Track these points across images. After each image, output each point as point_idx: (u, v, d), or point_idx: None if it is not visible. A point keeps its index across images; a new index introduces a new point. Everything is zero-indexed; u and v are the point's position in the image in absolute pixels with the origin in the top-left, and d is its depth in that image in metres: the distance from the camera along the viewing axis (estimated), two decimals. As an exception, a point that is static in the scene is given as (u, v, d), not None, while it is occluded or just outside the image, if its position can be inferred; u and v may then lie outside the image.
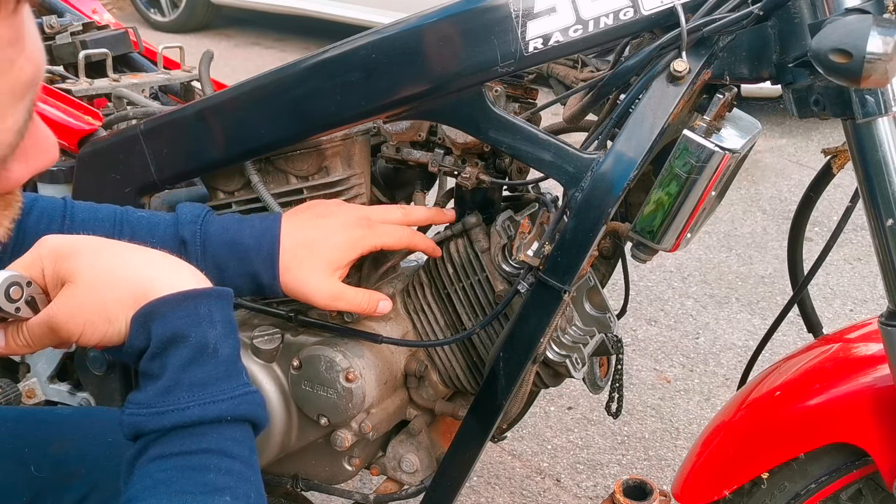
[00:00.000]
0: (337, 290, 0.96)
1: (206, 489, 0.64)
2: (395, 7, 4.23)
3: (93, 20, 1.48)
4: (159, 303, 0.68)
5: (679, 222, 0.91)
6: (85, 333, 0.69)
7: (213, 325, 0.69)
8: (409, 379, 1.11)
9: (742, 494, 1.04)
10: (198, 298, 0.69)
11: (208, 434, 0.66)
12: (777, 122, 4.11)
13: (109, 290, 0.69)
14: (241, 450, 0.68)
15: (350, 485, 1.24)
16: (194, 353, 0.67)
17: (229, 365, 0.69)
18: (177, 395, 0.66)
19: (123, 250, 0.72)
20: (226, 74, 1.50)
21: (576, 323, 1.09)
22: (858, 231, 2.96)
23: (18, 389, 1.28)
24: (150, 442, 0.66)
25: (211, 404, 0.67)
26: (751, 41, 0.84)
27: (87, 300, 0.69)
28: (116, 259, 0.71)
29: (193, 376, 0.67)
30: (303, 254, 0.94)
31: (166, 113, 1.07)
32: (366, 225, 0.97)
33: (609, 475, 1.94)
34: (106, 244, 0.73)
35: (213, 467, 0.66)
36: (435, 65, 0.89)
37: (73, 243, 0.71)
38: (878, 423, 0.94)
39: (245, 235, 0.94)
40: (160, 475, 0.65)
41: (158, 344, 0.67)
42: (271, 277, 0.93)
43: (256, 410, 0.70)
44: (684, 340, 2.45)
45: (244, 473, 0.67)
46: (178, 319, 0.67)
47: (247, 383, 0.70)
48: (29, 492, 0.87)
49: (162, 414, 0.66)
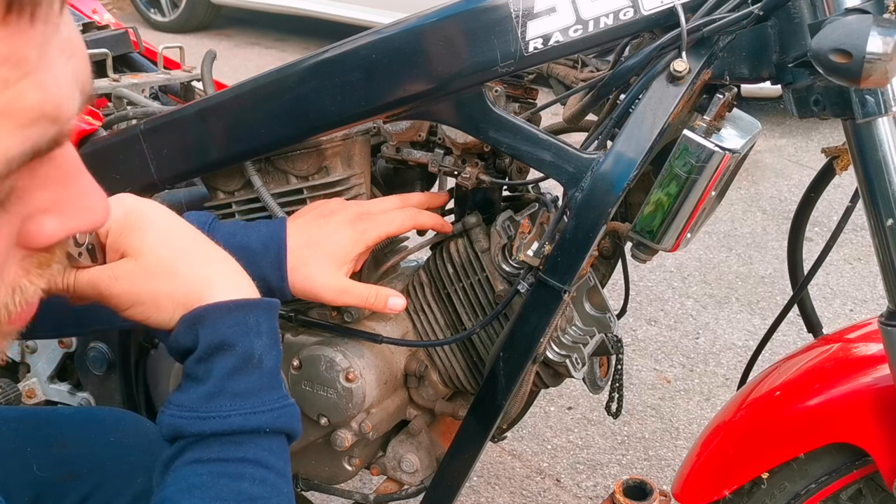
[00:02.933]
0: (343, 284, 0.96)
1: (241, 497, 0.65)
2: (395, 7, 4.23)
3: (93, 20, 1.48)
4: (211, 308, 0.68)
5: (679, 222, 0.91)
6: (130, 311, 0.70)
7: (259, 336, 0.69)
8: (409, 379, 1.11)
9: (742, 494, 1.04)
10: (248, 308, 0.70)
11: (246, 443, 0.67)
12: (777, 122, 4.11)
13: (167, 282, 0.69)
14: (276, 461, 0.69)
15: (350, 485, 1.24)
16: (240, 362, 0.68)
17: (272, 377, 0.70)
18: (219, 402, 0.67)
19: (189, 241, 0.72)
20: (226, 74, 1.50)
21: (576, 323, 1.09)
22: (858, 231, 2.96)
23: (18, 389, 1.29)
24: (188, 445, 0.67)
25: (252, 415, 0.67)
26: (751, 41, 0.84)
27: (143, 284, 0.69)
28: (180, 251, 0.71)
29: (237, 385, 0.68)
30: (308, 253, 0.95)
31: (166, 113, 1.07)
32: (367, 218, 0.98)
33: (609, 475, 1.94)
34: (174, 228, 0.73)
35: (249, 476, 0.66)
36: (435, 65, 0.89)
37: (144, 217, 0.71)
38: (878, 423, 0.94)
39: (252, 240, 0.94)
40: (196, 479, 0.65)
41: (206, 349, 0.68)
42: (279, 280, 0.93)
43: (294, 423, 0.71)
44: (684, 340, 2.45)
45: (278, 485, 0.68)
46: (228, 328, 0.68)
47: (286, 395, 0.71)
48: (32, 491, 0.87)
49: (203, 419, 0.66)
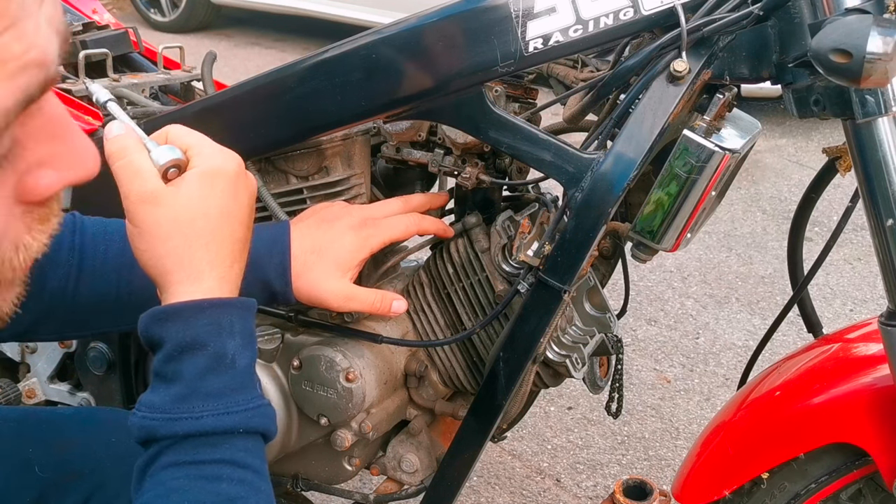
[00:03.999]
0: (349, 290, 0.96)
1: (220, 499, 0.65)
2: (395, 7, 4.23)
3: (93, 20, 1.48)
4: (182, 306, 0.68)
5: (679, 222, 0.91)
6: (135, 240, 0.71)
7: (232, 336, 0.69)
8: (409, 379, 1.11)
9: (742, 494, 1.04)
10: (222, 308, 0.69)
11: (221, 444, 0.67)
12: (777, 122, 4.11)
13: (167, 243, 0.69)
14: (252, 460, 0.68)
15: (350, 485, 1.24)
16: (212, 362, 0.68)
17: (245, 377, 0.70)
18: (192, 402, 0.67)
19: (196, 238, 0.70)
20: (226, 74, 1.50)
21: (576, 323, 1.09)
22: (858, 231, 2.96)
23: (18, 389, 1.29)
24: (162, 449, 0.67)
25: (225, 415, 0.67)
26: (751, 41, 0.84)
27: (159, 227, 0.69)
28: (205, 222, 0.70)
29: (210, 385, 0.67)
30: (313, 259, 0.94)
31: (166, 113, 1.07)
32: (371, 224, 0.98)
33: (609, 475, 1.94)
34: (181, 225, 0.70)
35: (227, 477, 0.66)
36: (435, 65, 0.89)
37: (157, 197, 0.69)
38: (878, 423, 0.94)
39: (255, 243, 0.94)
40: (173, 483, 0.65)
41: (175, 347, 0.67)
42: (284, 284, 0.93)
43: (268, 423, 0.71)
44: (684, 340, 2.45)
45: (256, 483, 0.68)
46: (201, 327, 0.68)
47: (260, 396, 0.71)
48: (33, 492, 0.87)
49: (175, 420, 0.66)
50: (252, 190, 0.75)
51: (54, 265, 0.86)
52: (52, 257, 0.63)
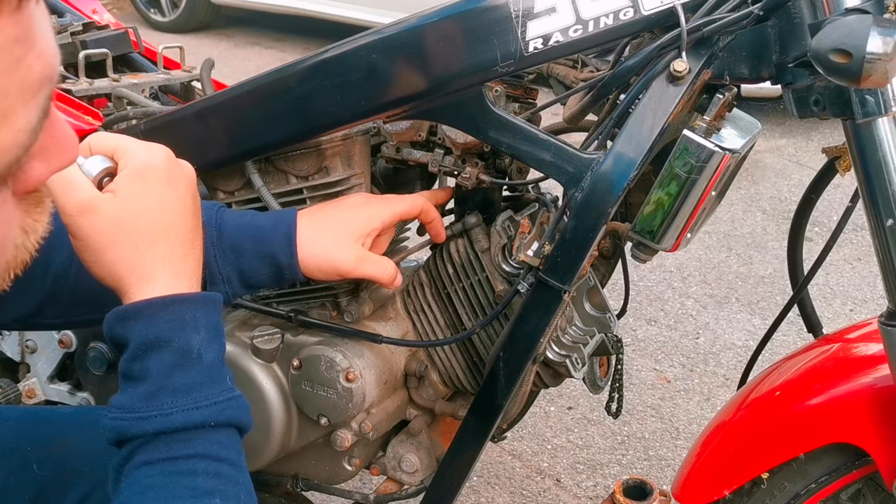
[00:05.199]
0: (362, 252, 0.96)
1: (196, 493, 0.65)
2: (395, 7, 4.23)
3: (93, 20, 1.48)
4: (143, 305, 0.68)
5: (679, 222, 0.91)
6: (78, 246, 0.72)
7: (197, 331, 0.69)
8: (409, 379, 1.11)
9: (742, 494, 1.04)
10: (184, 304, 0.69)
11: (193, 440, 0.67)
12: (777, 122, 4.11)
13: (117, 248, 0.69)
14: (227, 453, 0.68)
15: (350, 485, 1.24)
16: (178, 358, 0.68)
17: (213, 371, 0.70)
18: (160, 400, 0.67)
19: (140, 238, 0.70)
20: (226, 74, 1.50)
21: (576, 323, 1.09)
22: (858, 231, 2.96)
23: (18, 389, 1.29)
24: (135, 448, 0.67)
25: (194, 410, 0.67)
26: (751, 41, 0.84)
27: (102, 233, 0.70)
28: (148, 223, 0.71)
29: (177, 382, 0.67)
30: (322, 226, 0.94)
31: (166, 113, 1.07)
32: (379, 199, 1.00)
33: (609, 475, 1.94)
34: (124, 227, 0.70)
35: (201, 471, 0.66)
36: (435, 65, 0.89)
37: (94, 205, 0.70)
38: (878, 423, 0.94)
39: (261, 219, 0.94)
40: (148, 481, 0.65)
41: (140, 346, 0.67)
42: (289, 256, 0.92)
43: (240, 415, 0.70)
44: (684, 340, 2.45)
45: (232, 476, 0.68)
46: (164, 324, 0.68)
47: (231, 388, 0.70)
48: (32, 490, 0.87)
49: (145, 419, 0.66)
50: (189, 177, 0.75)
51: (58, 247, 0.86)
52: (56, 240, 0.64)
